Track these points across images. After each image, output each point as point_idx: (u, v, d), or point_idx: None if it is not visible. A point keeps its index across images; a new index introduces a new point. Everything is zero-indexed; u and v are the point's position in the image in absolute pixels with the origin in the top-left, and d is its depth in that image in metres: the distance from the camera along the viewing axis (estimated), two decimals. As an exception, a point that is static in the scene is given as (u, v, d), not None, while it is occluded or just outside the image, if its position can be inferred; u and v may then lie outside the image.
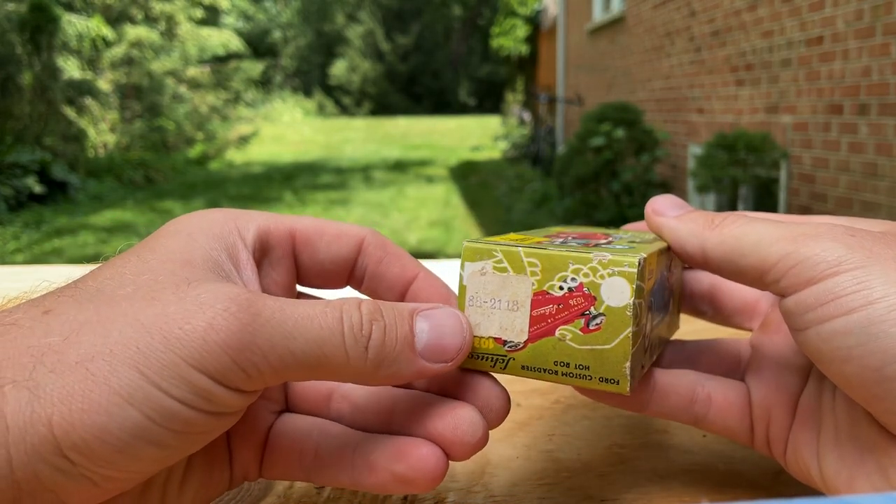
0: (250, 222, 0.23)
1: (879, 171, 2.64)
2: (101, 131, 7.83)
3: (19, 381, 0.17)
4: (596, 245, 0.24)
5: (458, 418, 0.22)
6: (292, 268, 0.25)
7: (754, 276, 0.22)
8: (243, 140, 10.73)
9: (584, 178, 4.30)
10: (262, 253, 0.23)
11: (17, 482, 0.17)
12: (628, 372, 0.21)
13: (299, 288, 0.26)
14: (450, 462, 0.21)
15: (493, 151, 9.62)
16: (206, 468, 0.22)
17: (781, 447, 0.25)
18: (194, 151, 9.27)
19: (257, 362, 0.18)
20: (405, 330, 0.21)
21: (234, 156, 9.62)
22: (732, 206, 3.86)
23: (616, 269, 0.21)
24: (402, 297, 0.25)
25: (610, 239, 0.26)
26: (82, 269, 0.21)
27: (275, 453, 0.24)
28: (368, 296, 0.26)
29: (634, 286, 0.21)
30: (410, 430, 0.23)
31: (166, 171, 7.37)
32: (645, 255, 0.22)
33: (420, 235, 4.62)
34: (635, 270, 0.21)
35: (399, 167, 8.11)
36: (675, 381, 0.26)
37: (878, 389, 0.19)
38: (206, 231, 0.22)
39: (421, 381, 0.24)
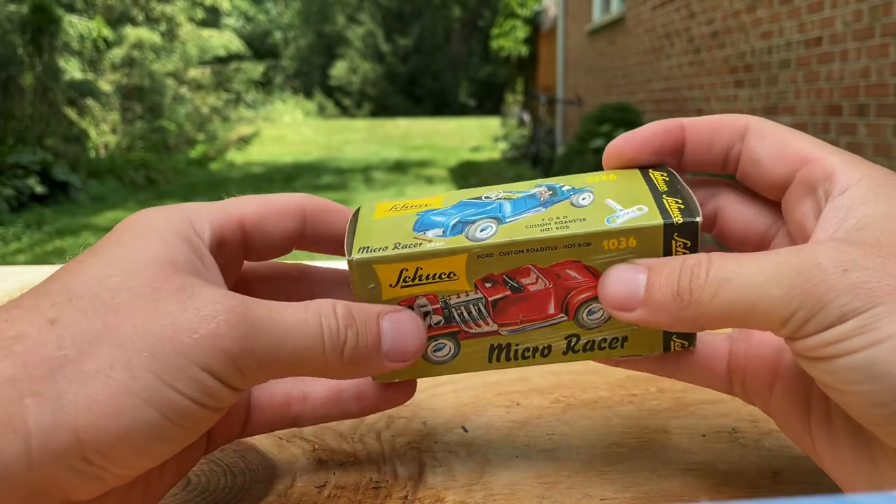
0: (204, 221, 0.24)
1: (879, 171, 2.64)
2: (103, 132, 7.83)
3: (40, 393, 0.18)
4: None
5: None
6: (241, 257, 0.27)
7: (761, 329, 0.22)
8: (244, 141, 10.73)
9: (584, 178, 4.30)
10: (219, 250, 0.25)
11: (34, 483, 0.18)
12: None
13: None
14: (449, 461, 0.22)
15: (493, 152, 9.62)
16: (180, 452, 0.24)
17: (762, 403, 0.26)
18: (195, 152, 9.27)
19: (252, 365, 0.21)
20: (374, 334, 0.24)
21: (235, 156, 9.62)
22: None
23: None
24: None
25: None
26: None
27: (263, 412, 0.27)
28: (315, 250, 0.28)
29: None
30: (361, 393, 0.27)
31: (167, 172, 7.36)
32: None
33: (420, 236, 4.60)
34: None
35: (399, 168, 8.10)
36: None
37: (880, 419, 0.19)
38: (173, 232, 0.23)
39: None
